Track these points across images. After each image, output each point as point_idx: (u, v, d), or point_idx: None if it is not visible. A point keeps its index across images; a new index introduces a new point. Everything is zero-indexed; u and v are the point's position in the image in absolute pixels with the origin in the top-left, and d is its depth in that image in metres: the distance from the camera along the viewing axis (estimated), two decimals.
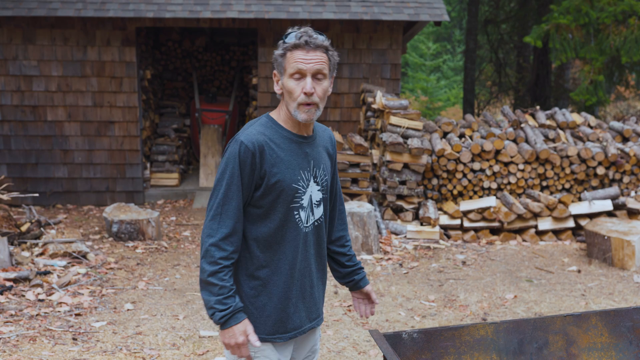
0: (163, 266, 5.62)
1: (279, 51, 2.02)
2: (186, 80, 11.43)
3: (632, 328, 2.59)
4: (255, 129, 2.05)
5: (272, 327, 2.11)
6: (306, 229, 2.12)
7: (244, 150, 2.00)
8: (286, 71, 2.01)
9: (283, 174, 2.04)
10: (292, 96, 2.02)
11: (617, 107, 17.31)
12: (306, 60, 1.97)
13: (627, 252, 5.71)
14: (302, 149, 2.09)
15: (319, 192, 2.15)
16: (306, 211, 2.11)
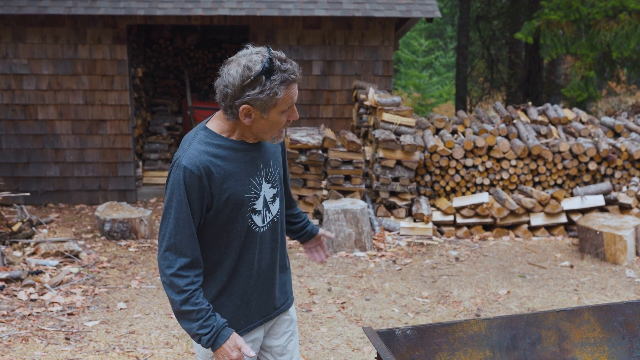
0: (156, 265, 5.60)
1: (268, 92, 1.86)
2: (178, 78, 11.39)
3: (624, 323, 2.60)
4: (196, 148, 1.94)
5: (236, 324, 2.11)
6: (262, 229, 2.10)
7: (189, 176, 1.91)
8: (276, 107, 1.91)
9: (234, 188, 1.98)
10: (276, 128, 1.97)
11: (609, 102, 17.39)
12: (296, 93, 1.94)
13: (619, 247, 5.74)
14: (248, 156, 2.03)
15: (271, 189, 2.12)
16: (261, 213, 2.09)
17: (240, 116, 1.92)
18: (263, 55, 1.88)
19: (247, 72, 1.86)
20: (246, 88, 1.87)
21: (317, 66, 8.19)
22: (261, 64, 1.85)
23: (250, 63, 1.87)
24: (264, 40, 8.07)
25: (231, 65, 1.91)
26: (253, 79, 1.85)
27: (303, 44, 8.14)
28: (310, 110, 8.29)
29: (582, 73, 9.25)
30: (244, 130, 2.00)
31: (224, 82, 1.91)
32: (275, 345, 2.28)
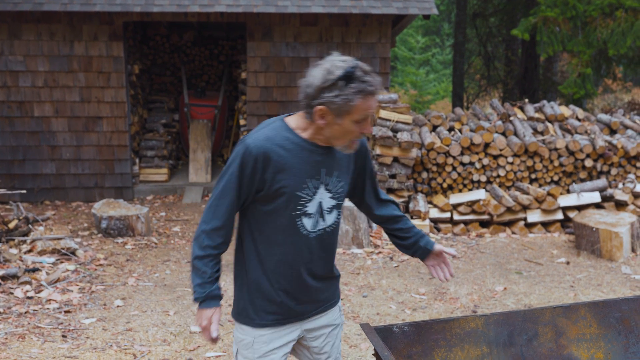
0: (153, 262, 5.60)
1: (344, 97, 1.92)
2: (175, 74, 11.37)
3: (620, 319, 2.61)
4: (264, 133, 2.03)
5: (271, 314, 2.18)
6: (312, 234, 2.14)
7: (247, 154, 2.00)
8: (350, 114, 1.95)
9: (287, 181, 2.03)
10: (348, 136, 2.02)
11: (605, 99, 17.43)
12: (373, 106, 1.98)
13: (615, 244, 5.76)
14: (312, 157, 2.06)
15: (331, 200, 2.15)
16: (313, 218, 2.12)
17: (315, 117, 1.98)
18: (347, 63, 1.94)
19: (328, 75, 1.92)
20: (324, 90, 1.93)
21: (314, 63, 8.18)
22: (343, 70, 1.92)
23: (333, 67, 1.93)
24: (261, 38, 8.06)
25: (317, 68, 1.98)
26: (332, 83, 1.91)
27: (300, 41, 8.13)
28: None
29: (578, 70, 9.26)
30: (317, 132, 2.05)
31: (306, 82, 1.98)
32: (313, 346, 2.32)
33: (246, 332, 2.21)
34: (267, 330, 2.19)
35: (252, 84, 8.19)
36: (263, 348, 2.19)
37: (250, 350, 2.20)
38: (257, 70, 8.15)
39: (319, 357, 2.34)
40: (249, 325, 2.20)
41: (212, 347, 3.86)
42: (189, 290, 4.88)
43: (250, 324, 2.19)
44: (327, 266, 2.23)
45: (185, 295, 4.76)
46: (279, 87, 8.21)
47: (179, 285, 5.02)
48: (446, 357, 2.43)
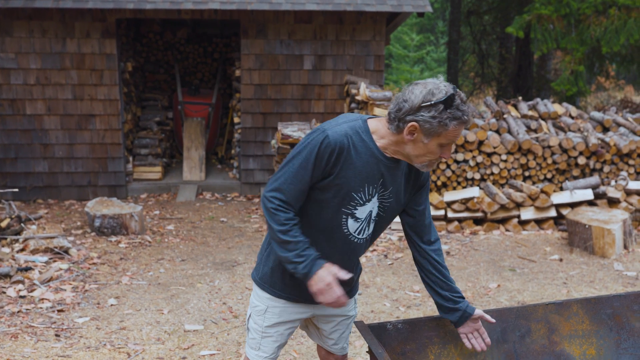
0: (147, 260, 5.58)
1: (440, 120, 1.98)
2: (168, 72, 11.34)
3: (612, 315, 2.62)
4: (344, 129, 2.07)
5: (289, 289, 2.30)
6: (350, 236, 2.21)
7: (326, 144, 2.03)
8: (438, 137, 2.02)
9: (348, 178, 2.10)
10: (429, 156, 2.08)
11: (598, 97, 17.48)
12: (459, 135, 2.04)
13: (608, 241, 5.78)
14: (378, 167, 2.13)
15: (379, 210, 2.22)
16: (360, 223, 2.19)
17: (405, 131, 2.03)
18: (448, 89, 1.99)
19: (429, 96, 1.98)
20: (423, 109, 1.99)
21: (308, 61, 8.18)
22: (445, 94, 1.98)
23: (436, 90, 1.99)
24: (255, 35, 8.05)
25: (418, 86, 2.03)
26: (432, 104, 1.97)
27: (294, 39, 8.12)
28: (301, 105, 8.28)
29: (571, 68, 9.28)
30: (396, 145, 2.10)
31: (404, 97, 2.03)
32: (323, 329, 2.48)
33: (262, 299, 2.35)
34: (281, 302, 2.33)
35: (246, 82, 8.18)
36: (273, 319, 2.35)
37: (261, 318, 2.36)
38: (251, 68, 8.14)
39: (326, 339, 2.51)
40: (266, 291, 2.33)
41: (206, 346, 3.86)
42: (183, 288, 4.88)
43: (268, 291, 2.32)
44: (354, 266, 2.34)
45: (179, 294, 4.76)
46: (273, 84, 8.20)
47: (173, 283, 5.01)
48: (440, 354, 2.43)
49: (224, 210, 7.66)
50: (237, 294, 4.76)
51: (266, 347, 2.40)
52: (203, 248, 6.03)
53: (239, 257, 5.71)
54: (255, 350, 2.42)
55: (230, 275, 5.21)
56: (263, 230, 6.65)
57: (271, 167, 8.30)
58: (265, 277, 2.34)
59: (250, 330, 2.43)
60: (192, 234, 6.52)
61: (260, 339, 2.39)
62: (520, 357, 2.50)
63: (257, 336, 2.39)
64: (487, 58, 16.57)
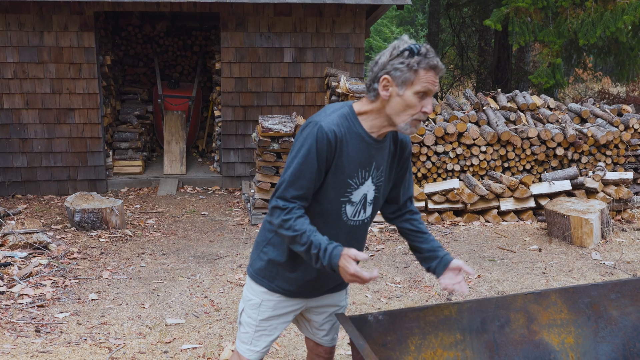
0: (128, 255, 5.55)
1: (407, 63, 2.00)
2: (148, 65, 11.22)
3: (590, 304, 2.67)
4: (334, 119, 2.09)
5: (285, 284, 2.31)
6: (350, 222, 2.23)
7: (321, 136, 2.05)
8: (412, 86, 2.03)
9: (343, 166, 2.12)
10: (409, 111, 2.07)
11: (576, 89, 17.67)
12: (434, 83, 2.05)
13: (586, 230, 5.87)
14: (368, 150, 2.15)
15: (374, 192, 2.24)
16: (355, 206, 2.22)
17: (379, 88, 2.05)
18: (415, 42, 2.05)
19: (394, 50, 2.05)
20: (391, 60, 2.04)
21: (288, 53, 8.16)
22: (408, 45, 2.04)
23: (400, 43, 2.06)
24: (235, 28, 8.00)
25: (384, 50, 2.10)
26: (398, 53, 2.03)
27: (274, 31, 8.09)
28: (282, 97, 8.26)
29: (549, 60, 9.37)
30: (378, 115, 2.11)
31: (374, 60, 2.09)
32: (314, 320, 2.50)
33: (256, 293, 2.36)
34: (276, 296, 2.34)
35: (227, 75, 8.14)
36: (268, 312, 2.36)
37: (255, 311, 2.37)
38: (231, 61, 8.09)
39: (317, 331, 2.52)
40: (262, 285, 2.33)
41: (188, 340, 3.86)
42: (164, 282, 4.86)
43: (264, 285, 2.33)
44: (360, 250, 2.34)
45: (161, 288, 4.74)
46: (254, 77, 8.17)
47: (154, 277, 4.99)
48: (420, 345, 2.46)
49: (205, 203, 7.63)
50: (219, 288, 4.76)
51: (259, 340, 2.40)
52: (184, 242, 6.01)
53: (220, 251, 5.70)
54: (247, 345, 2.42)
55: (212, 268, 5.20)
56: (245, 224, 6.64)
57: (252, 160, 8.28)
58: (260, 271, 2.34)
59: (242, 325, 2.43)
60: (173, 228, 6.49)
61: (253, 332, 2.39)
62: (500, 346, 2.54)
63: (250, 330, 2.39)
64: (467, 50, 16.66)
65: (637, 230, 6.41)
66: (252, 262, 2.39)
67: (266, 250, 2.32)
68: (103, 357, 3.60)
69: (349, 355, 3.63)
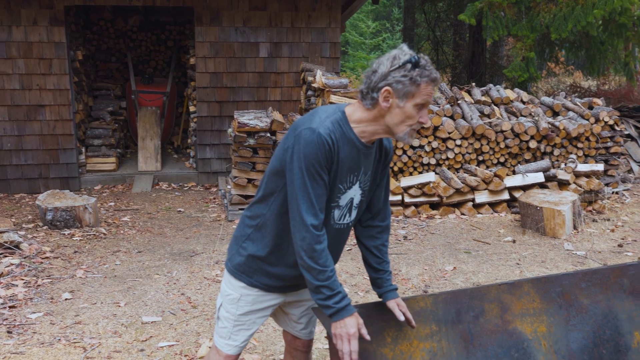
0: (102, 253, 5.48)
1: (410, 77, 2.02)
2: (120, 61, 11.08)
3: (561, 293, 2.71)
4: (328, 125, 2.09)
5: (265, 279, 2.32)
6: (336, 225, 2.25)
7: (322, 142, 2.04)
8: (413, 99, 2.06)
9: (336, 172, 2.13)
10: (409, 122, 2.10)
11: (549, 82, 17.89)
12: (432, 95, 2.08)
13: (558, 222, 5.96)
14: (358, 156, 2.17)
15: (361, 196, 2.26)
16: (342, 210, 2.23)
17: (380, 98, 2.06)
18: (413, 53, 2.07)
19: (396, 61, 2.05)
20: (392, 72, 2.04)
21: (264, 48, 8.12)
22: (410, 56, 2.04)
23: (401, 54, 2.06)
24: (209, 22, 7.94)
25: (383, 57, 2.10)
26: (400, 65, 2.03)
27: (249, 26, 8.04)
28: (258, 92, 8.23)
29: (522, 54, 9.47)
30: (374, 122, 2.12)
31: (372, 69, 2.09)
32: (293, 314, 2.52)
33: (235, 287, 2.36)
34: (255, 291, 2.34)
35: (201, 70, 8.07)
36: (246, 307, 2.36)
37: (234, 306, 2.37)
38: (206, 56, 8.03)
39: (295, 325, 2.54)
40: (241, 280, 2.33)
41: (165, 337, 3.83)
42: (140, 280, 4.82)
43: (243, 280, 2.33)
44: (336, 256, 2.36)
45: (136, 286, 4.69)
46: (229, 72, 8.12)
47: (130, 275, 4.94)
48: (397, 337, 2.47)
49: (181, 200, 7.58)
50: (196, 284, 4.73)
51: (237, 335, 2.40)
52: (160, 239, 5.96)
53: (196, 247, 5.66)
54: (225, 340, 2.42)
55: (188, 265, 5.17)
56: (221, 220, 6.61)
57: (228, 156, 8.24)
58: (239, 266, 2.34)
59: (220, 319, 2.43)
60: (148, 225, 6.43)
61: (232, 327, 2.39)
62: (475, 336, 2.56)
63: (229, 325, 2.40)
64: (442, 45, 16.76)
65: (608, 221, 6.53)
66: (230, 257, 2.39)
67: (245, 245, 2.32)
68: (78, 357, 3.55)
69: (326, 349, 3.64)
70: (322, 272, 2.09)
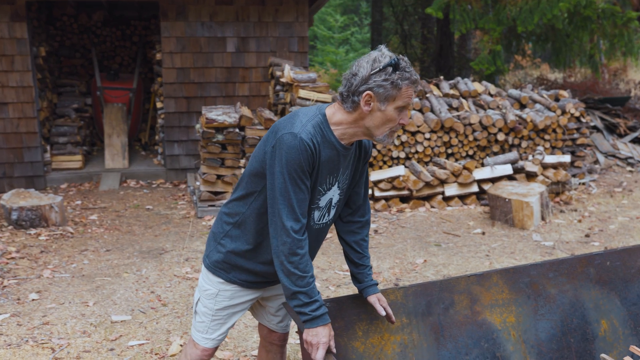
0: (69, 252, 5.38)
1: (392, 81, 2.03)
2: (85, 57, 10.88)
3: (529, 283, 2.74)
4: (310, 129, 2.08)
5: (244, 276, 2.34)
6: (315, 225, 2.27)
7: (304, 147, 2.04)
8: (394, 102, 2.07)
9: (317, 175, 2.13)
10: (389, 124, 2.12)
11: (516, 75, 18.13)
12: (412, 97, 2.10)
13: (527, 213, 6.05)
14: (338, 157, 2.17)
15: (339, 195, 2.28)
16: (321, 211, 2.25)
17: (361, 103, 2.06)
18: (392, 55, 2.08)
19: (376, 64, 2.05)
20: (373, 76, 2.04)
21: (231, 43, 8.05)
22: (390, 59, 2.05)
23: (381, 57, 2.06)
24: (175, 17, 7.83)
25: (362, 59, 2.09)
26: (381, 69, 2.03)
27: (216, 20, 7.96)
28: (226, 88, 8.16)
29: (490, 47, 9.58)
30: (354, 125, 2.13)
31: (352, 72, 2.08)
32: (270, 306, 2.54)
33: (213, 283, 2.37)
34: (233, 286, 2.36)
35: (168, 65, 7.97)
36: (224, 302, 2.38)
37: (212, 301, 2.38)
38: (172, 51, 7.93)
39: (272, 318, 2.56)
40: (219, 277, 2.34)
41: (135, 336, 3.78)
42: (108, 279, 4.74)
43: (221, 277, 2.34)
44: (314, 254, 2.38)
45: (105, 285, 4.62)
46: (196, 67, 8.03)
47: (98, 274, 4.86)
48: (368, 330, 2.48)
49: (150, 197, 7.48)
50: (166, 282, 4.67)
51: (215, 329, 2.43)
52: (129, 237, 5.88)
53: (166, 245, 5.60)
54: (202, 334, 2.44)
55: (158, 263, 5.11)
56: (191, 217, 6.54)
57: (197, 152, 8.15)
58: (217, 263, 2.34)
59: (198, 314, 2.44)
60: (116, 223, 6.33)
61: (209, 322, 2.42)
62: (445, 328, 2.58)
63: (207, 319, 2.42)
64: (410, 38, 16.85)
65: (575, 212, 6.65)
66: (208, 253, 2.39)
67: (224, 242, 2.32)
68: (46, 357, 3.49)
69: (298, 344, 3.63)
70: (301, 278, 2.10)
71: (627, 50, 9.41)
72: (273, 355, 2.64)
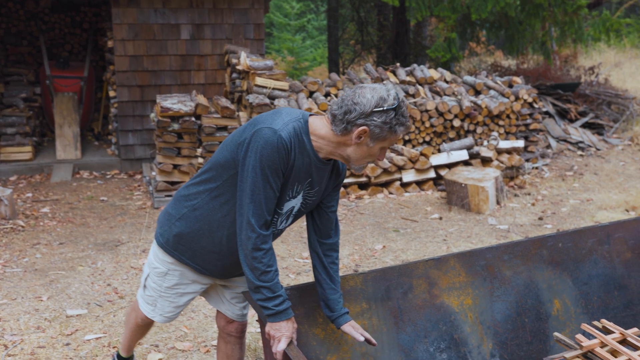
0: (21, 246, 5.22)
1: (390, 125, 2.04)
2: (33, 44, 10.51)
3: (485, 266, 2.80)
4: (290, 130, 2.07)
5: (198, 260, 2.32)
6: (276, 231, 2.28)
7: (281, 145, 2.02)
8: (383, 142, 2.09)
9: (287, 178, 2.11)
10: (369, 158, 2.14)
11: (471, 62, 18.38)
12: (398, 138, 2.14)
13: (482, 198, 6.16)
14: (310, 167, 2.14)
15: (301, 207, 2.25)
16: (281, 217, 2.24)
17: (354, 134, 2.06)
18: (397, 94, 2.08)
19: (381, 102, 2.03)
20: (375, 114, 2.03)
21: (185, 30, 7.91)
22: (394, 101, 2.05)
23: (386, 95, 2.05)
24: (127, 4, 7.64)
25: (366, 90, 2.06)
26: (385, 109, 2.03)
27: (169, 7, 7.80)
28: (181, 76, 8.02)
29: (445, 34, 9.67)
30: (336, 147, 2.11)
31: (354, 100, 2.05)
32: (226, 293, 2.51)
33: (163, 262, 2.36)
34: (183, 267, 2.36)
35: (120, 53, 7.78)
36: (174, 280, 2.39)
37: (162, 279, 2.39)
38: (124, 39, 7.74)
39: (228, 305, 2.53)
40: (171, 256, 2.32)
41: (91, 330, 3.70)
42: (62, 273, 4.62)
43: (174, 256, 2.32)
44: None
45: (59, 279, 4.50)
46: (150, 55, 7.86)
47: (52, 268, 4.73)
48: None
49: (104, 188, 7.32)
50: (122, 274, 4.59)
51: (163, 305, 2.44)
52: (83, 229, 5.74)
53: (122, 237, 5.49)
54: (151, 306, 2.45)
55: (114, 255, 5.00)
56: (147, 207, 6.43)
57: (152, 142, 8.00)
58: (169, 243, 2.32)
59: (147, 288, 2.45)
60: (70, 216, 6.17)
61: (157, 297, 2.43)
62: (404, 312, 2.61)
63: (155, 294, 2.43)
64: (366, 26, 16.88)
65: (528, 195, 6.81)
66: (162, 231, 2.35)
67: (178, 224, 2.29)
68: None
69: (258, 332, 3.62)
70: (265, 273, 2.09)
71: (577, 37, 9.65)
72: (232, 346, 2.61)
